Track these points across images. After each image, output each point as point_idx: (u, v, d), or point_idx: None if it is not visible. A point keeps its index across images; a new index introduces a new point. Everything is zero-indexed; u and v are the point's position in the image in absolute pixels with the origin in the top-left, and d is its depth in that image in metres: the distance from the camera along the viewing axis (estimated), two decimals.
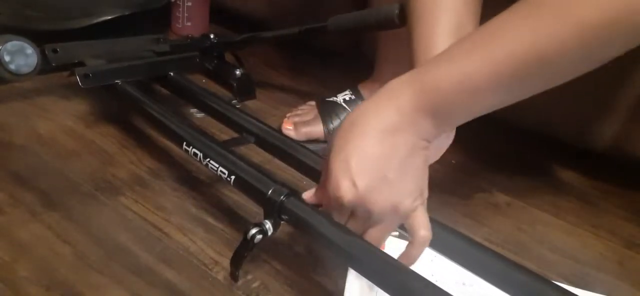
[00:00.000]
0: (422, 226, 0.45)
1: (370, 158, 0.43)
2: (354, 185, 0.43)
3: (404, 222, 0.46)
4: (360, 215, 0.45)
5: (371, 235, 0.46)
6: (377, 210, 0.44)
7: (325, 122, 0.81)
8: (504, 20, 0.40)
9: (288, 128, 0.81)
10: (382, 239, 0.48)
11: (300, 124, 0.81)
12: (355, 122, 0.45)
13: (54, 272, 0.50)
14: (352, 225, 0.46)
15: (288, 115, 0.84)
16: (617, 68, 0.74)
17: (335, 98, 0.85)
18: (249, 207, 0.63)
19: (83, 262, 0.52)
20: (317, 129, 0.81)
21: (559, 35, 0.37)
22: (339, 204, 0.45)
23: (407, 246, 0.46)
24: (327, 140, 0.81)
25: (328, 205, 0.47)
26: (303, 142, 0.79)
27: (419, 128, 0.43)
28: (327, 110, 0.83)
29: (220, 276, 0.53)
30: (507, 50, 0.39)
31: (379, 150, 0.43)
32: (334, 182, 0.44)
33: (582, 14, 0.35)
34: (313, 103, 0.86)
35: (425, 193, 0.46)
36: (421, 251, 0.46)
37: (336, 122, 0.82)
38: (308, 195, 0.50)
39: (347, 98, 0.85)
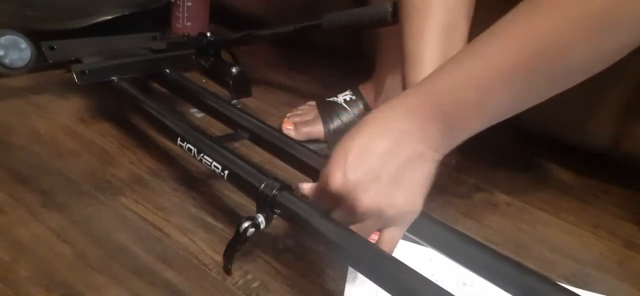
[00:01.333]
0: (388, 247, 0.46)
1: (368, 155, 0.43)
2: (345, 176, 0.43)
3: (382, 228, 0.46)
4: (344, 209, 0.45)
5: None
6: (361, 208, 0.43)
7: (325, 122, 0.81)
8: (508, 21, 0.40)
9: (288, 128, 0.81)
10: None
11: (300, 124, 0.81)
12: (366, 121, 0.45)
13: (54, 272, 0.50)
14: (335, 215, 0.47)
15: (288, 115, 0.84)
16: (617, 68, 0.74)
17: (335, 98, 0.85)
18: (250, 207, 0.63)
19: (83, 262, 0.52)
20: (317, 129, 0.81)
21: (562, 27, 0.36)
22: (326, 191, 0.45)
23: None
24: (327, 140, 0.81)
25: (316, 192, 0.47)
26: (303, 141, 0.79)
27: (428, 136, 0.43)
28: (328, 110, 0.83)
29: (220, 277, 0.53)
30: (512, 49, 0.38)
31: (380, 148, 0.43)
32: (328, 169, 0.44)
33: (585, 3, 0.35)
34: (313, 103, 0.86)
35: (415, 214, 0.46)
36: None
37: (337, 122, 0.82)
38: (307, 186, 0.50)
39: (348, 99, 0.84)
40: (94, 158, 0.69)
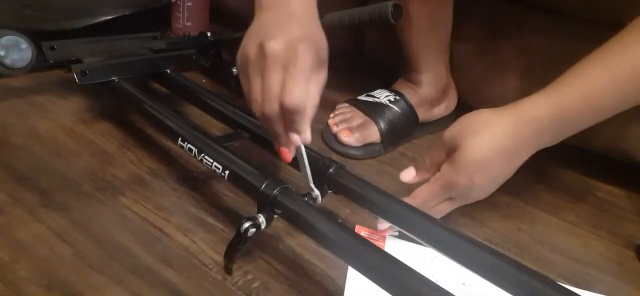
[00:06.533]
0: (439, 215, 0.57)
1: (492, 175, 0.53)
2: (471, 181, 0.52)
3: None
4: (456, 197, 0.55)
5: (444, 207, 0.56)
6: (473, 196, 0.54)
7: (377, 124, 0.80)
8: (623, 41, 0.48)
9: (347, 137, 0.79)
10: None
11: (355, 129, 0.80)
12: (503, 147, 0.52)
13: (54, 272, 0.50)
14: (438, 198, 0.55)
15: (332, 122, 0.82)
16: None
17: (377, 99, 0.84)
18: (250, 207, 0.63)
19: (83, 262, 0.52)
20: (372, 131, 0.80)
21: None
22: (446, 188, 0.54)
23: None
24: (382, 141, 0.80)
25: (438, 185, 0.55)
26: (360, 146, 0.79)
27: (539, 145, 0.53)
28: (376, 112, 0.82)
29: (220, 277, 0.53)
30: (628, 67, 0.47)
31: (501, 169, 0.53)
32: (462, 175, 0.52)
33: None
34: (347, 105, 0.85)
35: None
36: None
37: (388, 123, 0.81)
38: (409, 175, 0.59)
39: (392, 99, 0.83)
40: (94, 158, 0.69)
